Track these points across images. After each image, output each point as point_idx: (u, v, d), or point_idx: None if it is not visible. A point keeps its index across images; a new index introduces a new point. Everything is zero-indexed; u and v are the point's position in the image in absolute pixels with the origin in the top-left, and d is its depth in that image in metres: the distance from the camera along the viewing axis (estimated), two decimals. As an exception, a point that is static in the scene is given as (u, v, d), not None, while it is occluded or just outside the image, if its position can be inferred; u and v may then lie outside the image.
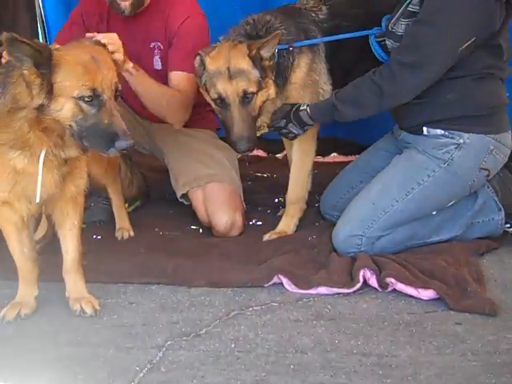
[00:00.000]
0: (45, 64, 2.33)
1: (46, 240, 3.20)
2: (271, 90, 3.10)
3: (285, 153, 4.63)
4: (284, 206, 3.58)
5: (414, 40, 2.91)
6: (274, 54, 3.05)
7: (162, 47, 3.52)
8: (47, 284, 2.86)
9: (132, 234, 3.52)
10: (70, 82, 2.35)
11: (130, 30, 3.49)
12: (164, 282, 2.97)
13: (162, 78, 3.46)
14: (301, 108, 3.14)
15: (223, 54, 3.03)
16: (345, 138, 4.70)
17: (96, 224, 3.61)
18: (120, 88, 2.46)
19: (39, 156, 2.45)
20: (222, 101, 3.05)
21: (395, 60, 2.94)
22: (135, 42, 3.50)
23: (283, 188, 3.75)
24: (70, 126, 2.40)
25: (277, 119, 3.20)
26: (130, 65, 3.04)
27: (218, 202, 3.43)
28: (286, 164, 4.33)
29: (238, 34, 3.14)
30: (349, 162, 3.71)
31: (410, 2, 2.99)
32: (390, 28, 3.07)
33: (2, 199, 2.57)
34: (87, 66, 2.37)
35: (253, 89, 3.03)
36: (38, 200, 2.54)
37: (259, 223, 3.62)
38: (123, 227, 3.53)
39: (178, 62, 3.43)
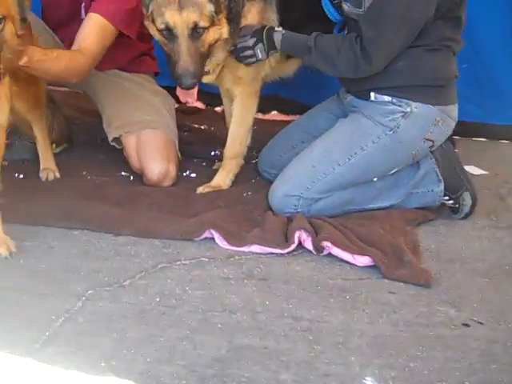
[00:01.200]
0: None
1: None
2: (224, 29, 2.91)
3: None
4: (220, 160, 3.45)
5: (379, 12, 2.81)
6: None
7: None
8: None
9: (58, 175, 3.32)
10: None
11: None
12: (88, 227, 2.81)
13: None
14: (276, 29, 3.00)
15: None
16: (287, 96, 4.57)
17: (19, 163, 3.40)
18: None
19: None
20: (169, 32, 2.84)
21: (366, 36, 2.83)
22: None
23: (220, 141, 3.63)
24: None
25: (244, 37, 3.01)
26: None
27: (151, 150, 3.27)
28: (224, 117, 4.22)
29: None
30: (289, 122, 3.61)
31: None
32: None
33: None
34: None
35: (204, 23, 2.83)
36: None
37: (193, 175, 3.48)
38: (48, 168, 3.33)
39: (96, 6, 3.14)
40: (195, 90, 3.00)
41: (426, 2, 2.81)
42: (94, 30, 3.08)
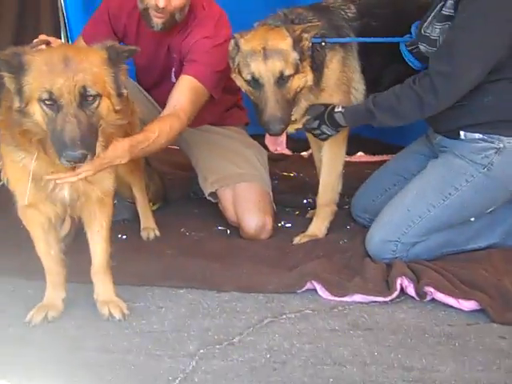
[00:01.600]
0: (17, 68, 2.29)
1: (70, 237, 3.14)
2: (309, 76, 2.98)
3: (310, 151, 4.57)
4: (313, 208, 3.50)
5: (450, 48, 2.81)
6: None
7: (178, 61, 3.42)
8: (74, 285, 2.80)
9: (158, 233, 3.45)
10: (35, 85, 2.28)
11: (159, 37, 3.39)
12: (192, 285, 2.89)
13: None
14: (335, 110, 3.05)
15: (259, 35, 2.94)
16: (370, 136, 4.60)
17: (120, 223, 3.54)
18: (91, 93, 2.28)
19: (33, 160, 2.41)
20: (255, 81, 2.92)
21: (434, 69, 2.84)
22: (161, 51, 3.45)
23: (311, 188, 3.69)
24: (46, 130, 2.32)
25: (310, 120, 3.11)
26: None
27: (248, 204, 3.35)
28: (311, 163, 4.25)
29: (275, 20, 3.04)
30: (376, 162, 3.63)
31: (443, 5, 2.89)
32: (422, 32, 2.98)
33: (28, 202, 2.51)
34: (52, 68, 2.27)
35: (290, 70, 2.91)
36: (26, 202, 2.50)
37: (288, 225, 3.54)
38: (148, 227, 3.47)
39: (189, 68, 3.25)
40: (284, 139, 3.08)
41: (500, 39, 2.77)
42: (187, 92, 3.19)
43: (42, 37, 2.88)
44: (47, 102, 2.27)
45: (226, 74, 3.17)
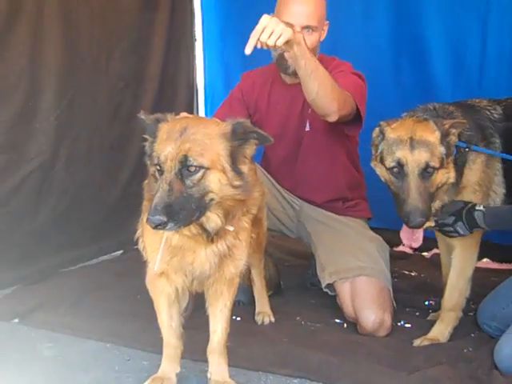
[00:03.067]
0: (153, 134, 2.40)
1: (187, 313, 3.15)
2: (451, 173, 2.92)
3: (433, 252, 4.47)
4: (434, 310, 3.39)
5: None
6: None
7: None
8: (187, 362, 2.80)
9: (272, 319, 3.42)
10: (155, 151, 2.36)
11: (291, 97, 3.55)
12: (307, 377, 2.82)
13: (309, 138, 3.54)
14: (476, 208, 2.97)
15: (407, 126, 2.92)
16: (500, 242, 4.45)
17: (236, 304, 3.51)
18: (193, 163, 2.28)
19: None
20: (399, 170, 2.89)
21: None
22: (294, 108, 3.58)
23: (432, 290, 3.60)
24: None
25: (445, 214, 3.03)
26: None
27: (366, 299, 3.28)
28: (433, 264, 4.16)
29: (424, 112, 3.04)
30: (504, 271, 3.49)
31: None
32: None
33: (160, 270, 2.55)
34: (169, 136, 2.33)
35: (435, 163, 2.87)
36: (156, 268, 2.51)
37: (408, 325, 3.43)
38: (264, 311, 3.45)
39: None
40: (421, 234, 3.00)
41: None
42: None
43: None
44: (158, 168, 2.32)
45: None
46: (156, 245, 2.49)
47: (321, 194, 3.65)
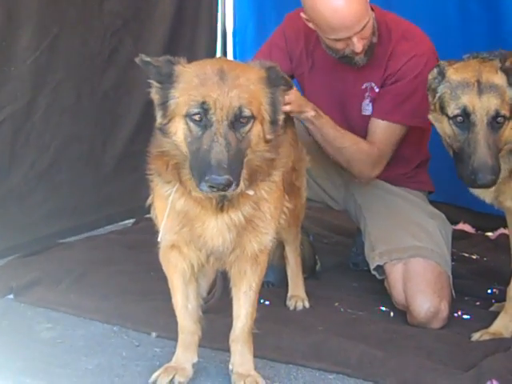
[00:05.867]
0: (166, 78, 2.36)
1: (214, 299, 3.16)
2: None
3: (499, 232, 4.44)
4: (499, 300, 3.38)
5: None
6: None
7: (375, 89, 3.48)
8: (206, 350, 2.83)
9: (307, 305, 3.44)
10: (182, 98, 2.32)
11: (340, 67, 3.50)
12: (345, 372, 2.84)
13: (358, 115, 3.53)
14: None
15: (472, 66, 2.88)
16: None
17: (264, 286, 3.53)
18: (246, 114, 2.30)
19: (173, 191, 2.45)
20: (464, 118, 2.84)
21: None
22: (344, 81, 3.53)
23: (497, 276, 3.59)
24: (186, 153, 2.34)
25: None
26: (310, 113, 3.21)
27: (421, 283, 3.26)
28: (499, 246, 4.14)
29: (489, 54, 2.97)
30: None
31: None
32: None
33: (170, 242, 2.58)
34: (204, 79, 2.30)
35: (505, 111, 2.82)
36: (159, 239, 2.55)
37: (466, 317, 3.43)
38: (297, 295, 3.46)
39: (383, 111, 3.43)
40: None
41: None
42: (382, 131, 3.42)
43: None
44: (195, 118, 2.30)
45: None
46: (165, 212, 2.51)
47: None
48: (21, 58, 3.98)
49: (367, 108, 3.52)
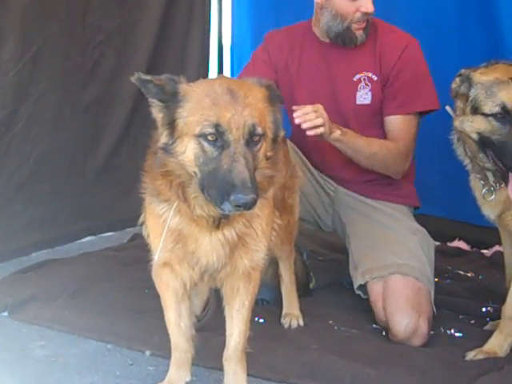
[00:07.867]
0: (169, 98, 2.35)
1: (208, 317, 3.15)
2: None
3: (494, 249, 4.44)
4: (493, 319, 3.37)
5: None
6: None
7: (374, 78, 3.54)
8: (199, 369, 2.83)
9: (302, 323, 3.43)
10: (193, 118, 2.31)
11: (327, 61, 3.61)
12: (341, 392, 2.84)
13: (369, 112, 3.56)
14: None
15: (500, 68, 2.99)
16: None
17: (258, 304, 3.54)
18: (258, 132, 2.32)
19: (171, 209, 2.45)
20: (505, 114, 2.90)
21: None
22: (333, 74, 3.60)
23: (492, 294, 3.58)
24: (194, 172, 2.34)
25: None
26: (337, 133, 3.26)
27: (399, 300, 3.25)
28: (494, 263, 4.14)
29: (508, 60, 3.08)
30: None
31: None
32: None
33: (162, 259, 2.57)
34: (216, 98, 2.31)
35: None
36: (156, 258, 2.54)
37: (458, 334, 3.42)
38: (291, 313, 3.45)
39: (395, 107, 3.54)
40: None
41: None
42: (400, 124, 3.54)
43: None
44: (209, 138, 2.29)
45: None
46: (158, 231, 2.51)
47: (351, 169, 3.61)
48: (3, 70, 4.00)
49: (365, 97, 3.58)
